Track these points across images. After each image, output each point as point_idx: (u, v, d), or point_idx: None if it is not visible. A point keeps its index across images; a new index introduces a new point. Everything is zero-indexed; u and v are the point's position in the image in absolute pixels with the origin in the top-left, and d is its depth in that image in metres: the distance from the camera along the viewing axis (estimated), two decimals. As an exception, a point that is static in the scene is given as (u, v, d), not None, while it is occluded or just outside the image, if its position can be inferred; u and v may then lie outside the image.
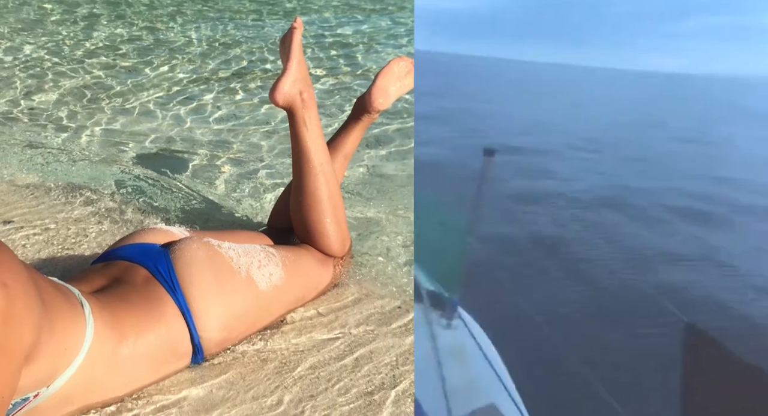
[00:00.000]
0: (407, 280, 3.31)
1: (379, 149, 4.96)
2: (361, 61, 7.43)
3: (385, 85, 3.37)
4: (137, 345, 2.40)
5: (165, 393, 2.49)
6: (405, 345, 2.79)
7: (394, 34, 8.75)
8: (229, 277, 2.68)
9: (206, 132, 5.36)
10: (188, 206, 4.03)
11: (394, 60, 3.44)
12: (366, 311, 3.01)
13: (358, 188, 4.34)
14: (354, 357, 2.72)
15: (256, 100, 6.04)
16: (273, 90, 3.04)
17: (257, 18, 9.55)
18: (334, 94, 6.19)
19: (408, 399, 2.51)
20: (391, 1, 10.80)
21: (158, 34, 8.53)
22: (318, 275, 3.11)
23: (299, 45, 3.10)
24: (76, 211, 3.83)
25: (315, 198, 3.13)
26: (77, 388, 2.22)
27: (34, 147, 4.92)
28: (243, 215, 3.99)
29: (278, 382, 2.58)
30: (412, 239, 3.70)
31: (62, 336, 2.11)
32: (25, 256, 3.35)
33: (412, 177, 4.52)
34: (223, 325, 2.63)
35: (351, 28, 8.97)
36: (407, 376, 2.62)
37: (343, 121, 3.51)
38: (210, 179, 4.51)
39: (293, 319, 2.93)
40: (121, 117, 5.65)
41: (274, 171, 4.61)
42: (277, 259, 2.89)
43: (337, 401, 2.49)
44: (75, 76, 6.67)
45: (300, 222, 3.19)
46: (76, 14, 9.42)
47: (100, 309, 2.31)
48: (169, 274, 2.58)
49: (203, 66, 7.12)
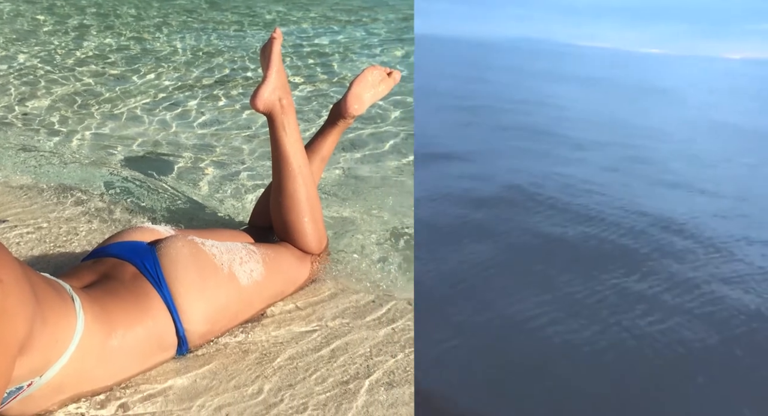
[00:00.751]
0: (381, 276, 3.32)
1: (354, 152, 4.96)
2: (337, 69, 7.42)
3: (360, 93, 3.37)
4: (125, 337, 2.39)
5: (152, 383, 2.49)
6: (378, 337, 2.79)
7: (368, 44, 8.75)
8: (212, 273, 2.68)
9: (190, 136, 5.35)
10: (173, 206, 4.02)
11: (368, 69, 3.44)
12: (342, 305, 3.01)
13: (335, 189, 4.34)
14: (330, 348, 2.72)
15: (238, 106, 6.03)
16: (254, 97, 3.03)
17: (239, 29, 9.53)
18: (312, 101, 6.19)
19: (381, 388, 2.51)
20: (365, 14, 10.80)
21: (145, 43, 8.49)
22: (296, 271, 3.11)
23: (278, 54, 3.10)
24: (68, 211, 3.82)
25: (294, 199, 3.13)
26: (69, 378, 2.21)
27: (27, 150, 4.89)
28: (225, 214, 3.98)
29: (259, 372, 2.57)
30: (385, 237, 3.71)
31: (54, 329, 2.10)
32: (19, 253, 3.33)
33: (385, 179, 4.53)
34: (206, 318, 2.63)
35: (327, 38, 8.96)
36: (380, 366, 2.62)
37: (320, 126, 3.51)
38: (194, 180, 4.50)
39: (273, 313, 2.92)
40: (109, 122, 5.62)
41: (254, 173, 4.60)
42: (257, 256, 2.89)
43: (314, 390, 2.49)
44: (66, 84, 6.64)
45: (279, 221, 3.19)
46: (68, 25, 9.38)
47: (90, 304, 2.30)
48: (155, 270, 2.58)
49: (188, 74, 7.10)
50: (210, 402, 2.42)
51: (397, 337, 2.80)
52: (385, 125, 5.53)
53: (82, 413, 2.33)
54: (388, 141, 5.19)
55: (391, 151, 5.02)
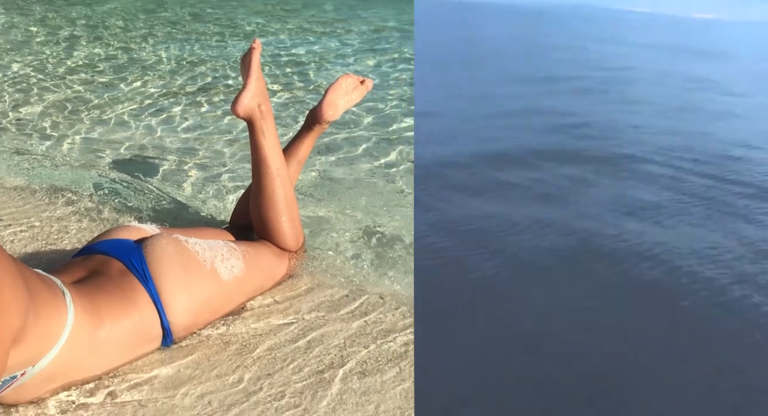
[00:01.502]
0: (354, 272, 3.32)
1: (329, 155, 4.96)
2: (312, 77, 7.42)
3: (334, 99, 3.38)
4: (113, 329, 2.39)
5: (138, 372, 2.49)
6: (352, 329, 2.80)
7: (342, 54, 8.76)
8: (196, 269, 2.68)
9: (175, 140, 5.33)
10: (158, 206, 4.01)
11: (342, 77, 3.45)
12: (317, 299, 3.01)
13: (311, 190, 4.34)
14: (306, 339, 2.73)
15: (220, 112, 6.02)
16: (234, 103, 3.03)
17: (220, 39, 9.52)
18: (289, 107, 6.19)
19: (354, 377, 2.52)
20: (339, 26, 10.82)
21: (132, 53, 8.47)
22: (275, 267, 3.11)
23: (258, 63, 3.10)
24: (59, 210, 3.80)
25: (272, 199, 3.13)
26: (60, 368, 2.21)
27: (20, 154, 4.87)
28: (208, 214, 3.97)
29: (239, 362, 2.58)
30: (358, 235, 3.72)
31: (46, 322, 2.10)
32: (12, 250, 3.32)
33: (358, 180, 4.53)
34: (189, 312, 2.63)
35: (304, 48, 8.97)
36: (353, 356, 2.63)
37: (297, 130, 3.51)
38: (178, 182, 4.49)
39: (252, 306, 2.92)
40: (98, 127, 5.60)
41: (235, 175, 4.59)
42: (238, 253, 2.89)
43: (291, 378, 2.50)
44: (57, 91, 6.61)
45: (259, 220, 3.19)
46: (59, 36, 9.35)
47: (80, 298, 2.30)
48: (141, 267, 2.57)
49: (172, 82, 7.08)
50: (193, 390, 2.42)
51: (369, 329, 2.81)
52: (358, 130, 5.53)
53: (72, 400, 2.33)
54: (361, 145, 5.19)
55: (364, 154, 5.02)
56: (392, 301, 3.02)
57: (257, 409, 2.35)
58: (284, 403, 2.38)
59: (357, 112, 5.88)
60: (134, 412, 2.32)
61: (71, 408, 2.31)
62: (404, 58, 8.42)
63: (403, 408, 2.38)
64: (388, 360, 2.62)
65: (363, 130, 5.55)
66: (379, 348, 2.69)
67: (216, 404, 2.36)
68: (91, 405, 2.33)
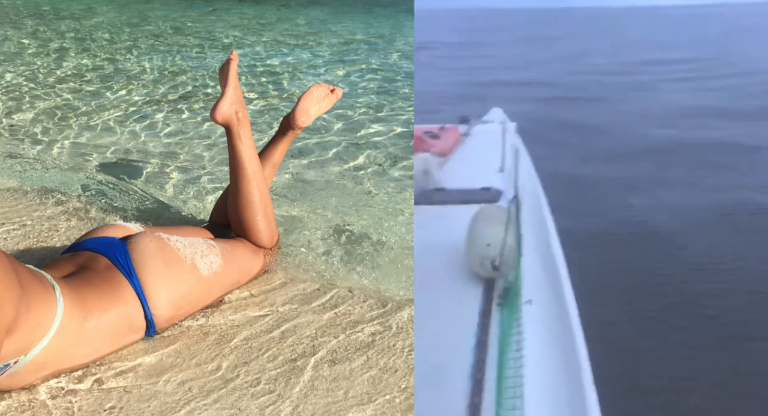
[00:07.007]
0: (325, 267, 3.33)
1: (302, 159, 4.96)
2: (286, 86, 7.41)
3: (306, 107, 3.38)
4: (100, 320, 2.39)
5: (123, 361, 2.48)
6: (323, 320, 2.81)
7: (314, 65, 8.75)
8: (177, 265, 2.68)
9: (157, 145, 5.31)
10: (142, 206, 4.00)
11: (314, 86, 3.45)
12: (291, 292, 3.02)
13: (285, 191, 4.34)
14: (280, 330, 2.73)
15: (199, 119, 6.00)
16: (213, 110, 3.03)
17: (200, 51, 9.48)
18: (264, 114, 6.18)
19: (325, 365, 2.52)
20: (311, 38, 10.81)
21: (117, 64, 8.42)
22: (251, 263, 3.11)
23: (235, 73, 3.10)
24: (49, 210, 3.79)
25: (248, 199, 3.13)
26: (50, 356, 2.22)
27: (13, 157, 4.84)
28: (188, 213, 3.97)
29: (217, 351, 2.58)
30: (329, 233, 3.72)
31: (37, 314, 2.11)
32: (5, 247, 3.30)
33: (329, 182, 4.53)
34: (171, 304, 2.63)
35: (278, 59, 8.95)
36: (324, 346, 2.64)
37: (271, 136, 3.51)
38: (160, 183, 4.48)
39: (230, 299, 2.92)
40: (86, 132, 5.57)
41: (214, 177, 4.59)
42: (216, 250, 2.89)
43: (266, 366, 2.50)
44: (48, 99, 6.56)
45: (236, 219, 3.19)
46: (49, 47, 9.29)
47: (69, 291, 2.30)
48: (126, 262, 2.57)
49: (155, 90, 7.05)
50: (175, 377, 2.42)
51: (339, 320, 2.82)
52: (329, 135, 5.54)
53: (62, 387, 2.33)
54: (331, 149, 5.20)
55: (334, 158, 5.02)
56: (360, 294, 3.03)
57: (234, 395, 2.35)
58: (260, 389, 2.39)
59: (327, 118, 5.89)
60: (119, 398, 2.32)
61: (60, 394, 2.31)
62: (371, 69, 8.43)
63: (370, 394, 2.38)
64: (356, 349, 2.63)
65: (333, 135, 5.55)
66: (348, 338, 2.70)
67: (196, 390, 2.36)
68: (80, 391, 2.33)
